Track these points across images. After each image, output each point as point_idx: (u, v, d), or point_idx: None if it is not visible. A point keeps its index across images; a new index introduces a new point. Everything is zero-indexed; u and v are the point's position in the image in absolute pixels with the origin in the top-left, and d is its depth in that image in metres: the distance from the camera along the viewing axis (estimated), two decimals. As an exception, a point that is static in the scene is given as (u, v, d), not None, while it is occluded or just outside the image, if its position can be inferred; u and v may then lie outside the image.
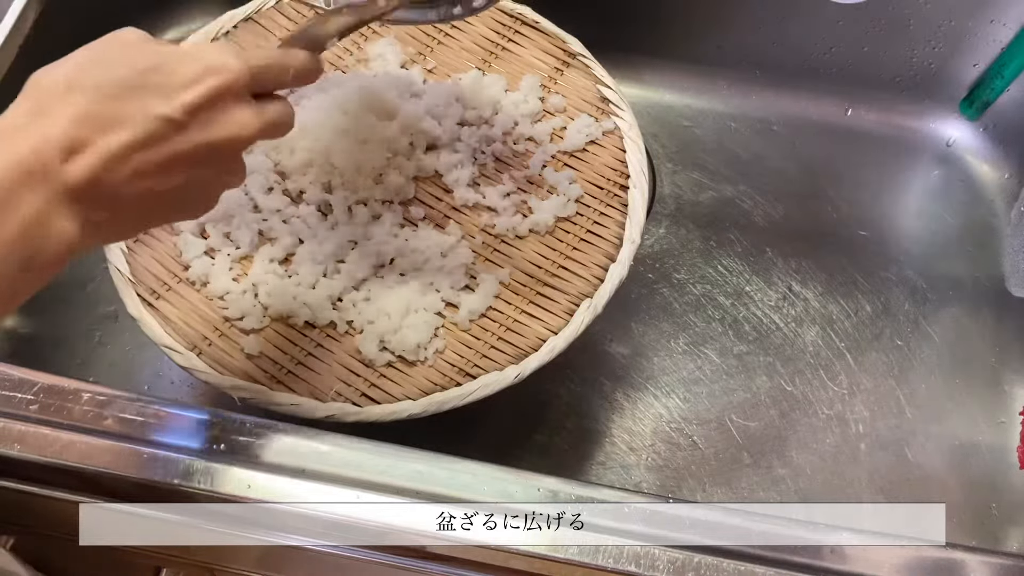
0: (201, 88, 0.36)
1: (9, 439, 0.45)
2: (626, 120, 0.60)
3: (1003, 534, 0.64)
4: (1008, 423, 0.68)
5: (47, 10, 0.65)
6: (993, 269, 0.75)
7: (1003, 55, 0.77)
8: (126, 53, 0.37)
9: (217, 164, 0.38)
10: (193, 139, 0.36)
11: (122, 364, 0.67)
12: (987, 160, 0.81)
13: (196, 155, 0.36)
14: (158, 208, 0.38)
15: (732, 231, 0.76)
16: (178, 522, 0.48)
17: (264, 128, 0.39)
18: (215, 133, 0.37)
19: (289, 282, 0.53)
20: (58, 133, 0.34)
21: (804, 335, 0.71)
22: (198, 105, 0.36)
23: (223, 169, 0.39)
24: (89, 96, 0.34)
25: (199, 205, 0.41)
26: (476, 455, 0.47)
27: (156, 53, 0.37)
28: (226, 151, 0.38)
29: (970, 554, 0.45)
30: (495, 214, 0.56)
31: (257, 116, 0.38)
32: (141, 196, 0.36)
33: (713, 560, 0.44)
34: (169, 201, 0.38)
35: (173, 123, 0.35)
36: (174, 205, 0.39)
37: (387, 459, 0.46)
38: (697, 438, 0.66)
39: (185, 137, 0.36)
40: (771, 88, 0.83)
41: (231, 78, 0.37)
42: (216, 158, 0.38)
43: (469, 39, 0.63)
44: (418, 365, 0.51)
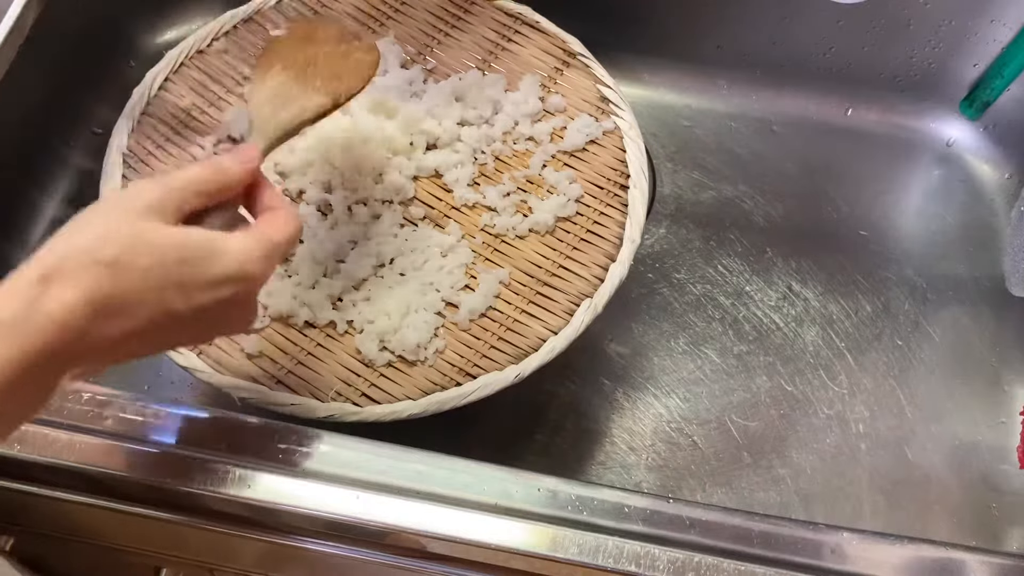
0: (219, 293, 0.37)
1: (9, 439, 0.45)
2: (626, 120, 0.60)
3: (1003, 534, 0.64)
4: (1008, 423, 0.68)
5: (47, 10, 0.65)
6: (993, 269, 0.75)
7: (1003, 55, 0.77)
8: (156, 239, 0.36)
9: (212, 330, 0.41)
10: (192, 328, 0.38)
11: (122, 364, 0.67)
12: (987, 160, 0.81)
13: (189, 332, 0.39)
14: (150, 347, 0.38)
15: (732, 231, 0.76)
16: (178, 522, 0.48)
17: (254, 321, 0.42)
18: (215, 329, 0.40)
19: (289, 282, 0.53)
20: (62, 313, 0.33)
21: (804, 335, 0.71)
22: (210, 307, 0.37)
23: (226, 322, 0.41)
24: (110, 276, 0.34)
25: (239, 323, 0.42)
26: (476, 455, 0.47)
27: (184, 246, 0.36)
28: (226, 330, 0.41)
29: (970, 554, 0.45)
30: (495, 214, 0.56)
31: (254, 315, 0.41)
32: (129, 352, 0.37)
33: (713, 560, 0.44)
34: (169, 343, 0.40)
35: (180, 318, 0.36)
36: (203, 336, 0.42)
37: (387, 459, 0.46)
38: (697, 438, 0.66)
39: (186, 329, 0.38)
40: (771, 88, 0.83)
41: (254, 288, 0.39)
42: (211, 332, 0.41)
43: (469, 39, 0.63)
44: (418, 365, 0.51)
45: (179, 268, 0.35)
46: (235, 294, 0.37)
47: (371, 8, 0.64)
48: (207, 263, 0.36)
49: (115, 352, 0.35)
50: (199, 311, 0.36)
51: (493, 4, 0.64)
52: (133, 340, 0.35)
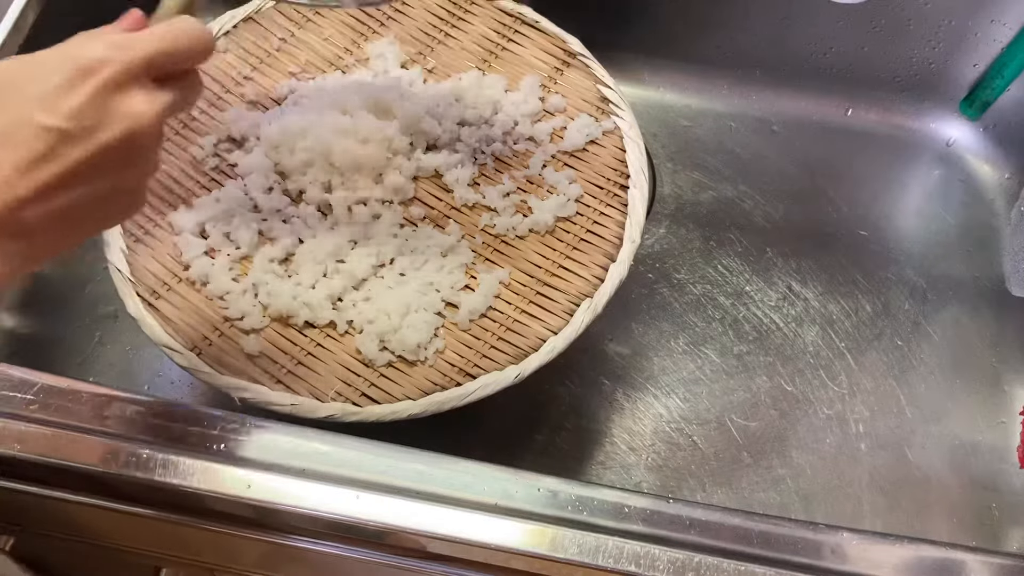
0: (80, 89, 0.34)
1: (9, 439, 0.45)
2: (626, 120, 0.60)
3: (1003, 534, 0.64)
4: (1008, 423, 0.68)
5: (47, 10, 0.65)
6: (993, 269, 0.75)
7: (1003, 55, 0.77)
8: (2, 75, 0.35)
9: (124, 161, 0.36)
10: (85, 144, 0.34)
11: (122, 364, 0.67)
12: (987, 160, 0.81)
13: (95, 160, 0.35)
14: (80, 220, 0.36)
15: (732, 231, 0.76)
16: (178, 522, 0.48)
17: (163, 111, 0.37)
18: (108, 132, 0.35)
19: (289, 282, 0.53)
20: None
21: (804, 335, 0.71)
22: (80, 108, 0.34)
23: (132, 163, 0.37)
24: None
25: (126, 206, 0.39)
26: (476, 455, 0.47)
27: (26, 66, 0.35)
28: (128, 146, 0.36)
29: (970, 554, 0.45)
30: (495, 214, 0.56)
31: (150, 102, 0.36)
32: (54, 215, 0.34)
33: (713, 560, 0.44)
34: (89, 211, 0.36)
35: (59, 132, 0.34)
36: (96, 213, 0.37)
37: (387, 459, 0.46)
38: (697, 438, 0.66)
39: (76, 144, 0.34)
40: (771, 88, 0.83)
41: (110, 72, 0.35)
42: (119, 156, 0.36)
43: (469, 39, 0.63)
44: (418, 365, 0.51)
45: (29, 83, 0.34)
46: (97, 92, 0.34)
47: (371, 8, 0.64)
48: (53, 66, 0.34)
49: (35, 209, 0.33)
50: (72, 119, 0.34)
51: (493, 4, 0.64)
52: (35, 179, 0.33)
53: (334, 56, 0.62)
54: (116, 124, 0.35)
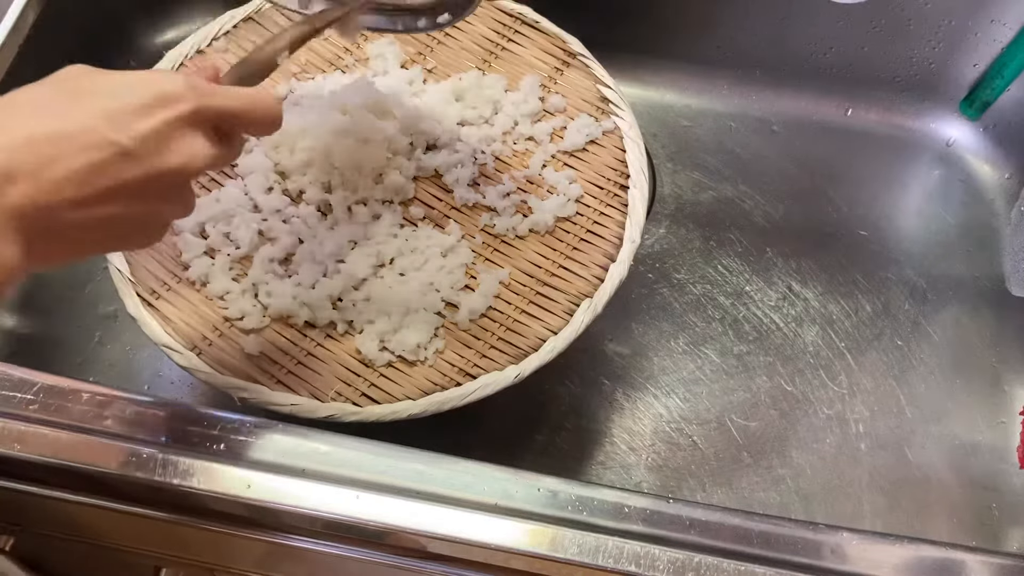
0: (154, 116, 0.35)
1: (9, 439, 0.45)
2: (626, 120, 0.60)
3: (1003, 534, 0.64)
4: (1008, 423, 0.68)
5: (47, 10, 0.65)
6: (993, 269, 0.75)
7: (1003, 55, 0.77)
8: (74, 80, 0.36)
9: (164, 193, 0.37)
10: (141, 167, 0.35)
11: (122, 364, 0.67)
12: (987, 160, 0.81)
13: (143, 183, 0.36)
14: (103, 237, 0.37)
15: (732, 231, 0.76)
16: (178, 522, 0.48)
17: (213, 161, 0.38)
18: (164, 162, 0.36)
19: (289, 282, 0.53)
20: (1, 158, 0.33)
21: (804, 335, 0.71)
22: (149, 133, 0.35)
23: (170, 199, 0.38)
24: (33, 120, 0.34)
25: (146, 235, 0.40)
26: (476, 455, 0.47)
27: (107, 81, 0.36)
28: (174, 181, 0.37)
29: (970, 554, 0.45)
30: (495, 214, 0.56)
31: (206, 148, 0.38)
32: (86, 224, 0.35)
33: (713, 560, 0.44)
34: (115, 230, 0.37)
35: (122, 149, 0.35)
36: (119, 234, 0.38)
37: (387, 459, 0.46)
38: (697, 438, 0.66)
39: (133, 165, 0.35)
40: (771, 88, 0.83)
41: (185, 109, 0.36)
42: (164, 187, 0.37)
43: (469, 39, 0.63)
44: (418, 365, 0.51)
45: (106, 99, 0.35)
46: (167, 123, 0.36)
47: (371, 8, 0.64)
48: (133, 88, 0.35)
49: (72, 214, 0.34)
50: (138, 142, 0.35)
51: (493, 4, 0.64)
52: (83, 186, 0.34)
53: (334, 56, 0.62)
54: (173, 158, 0.36)
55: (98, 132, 0.34)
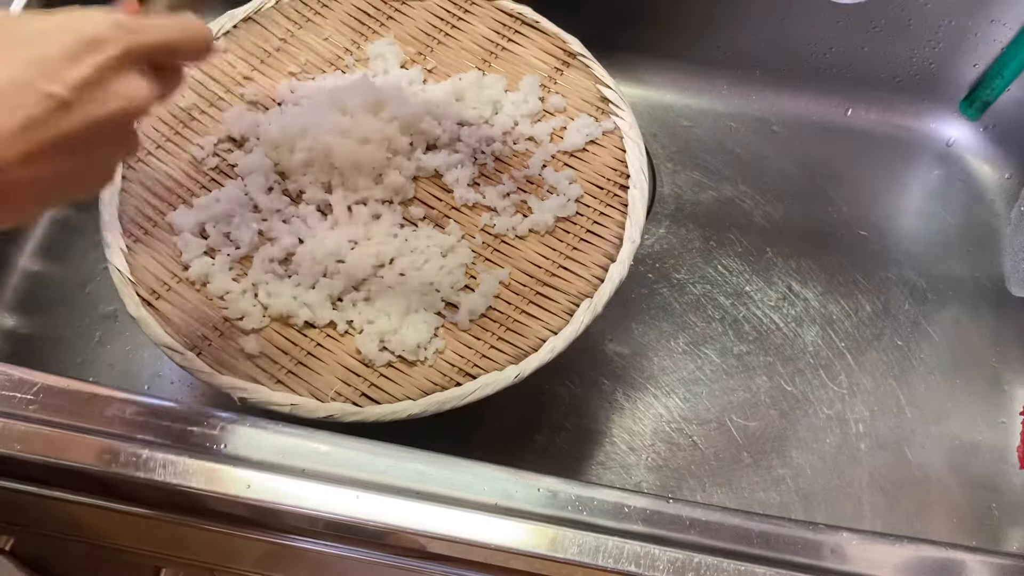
0: (86, 62, 0.34)
1: (9, 439, 0.45)
2: (626, 120, 0.60)
3: (1003, 534, 0.64)
4: (1008, 423, 0.68)
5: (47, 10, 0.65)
6: (993, 269, 0.75)
7: (1003, 55, 0.77)
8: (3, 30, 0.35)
9: (109, 138, 0.37)
10: (81, 116, 0.34)
11: (122, 364, 0.67)
12: (987, 160, 0.81)
13: (86, 131, 0.35)
14: (55, 187, 0.36)
15: (732, 231, 0.76)
16: (178, 522, 0.48)
17: (153, 99, 0.37)
18: (104, 108, 0.35)
19: (289, 282, 0.53)
20: None
21: (804, 335, 0.71)
22: (83, 80, 0.34)
23: (116, 141, 0.37)
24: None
25: (96, 181, 0.39)
26: (476, 455, 0.47)
27: (32, 27, 0.35)
28: (117, 124, 0.36)
29: (970, 554, 0.45)
30: (495, 214, 0.56)
31: (147, 88, 0.37)
32: (35, 178, 0.34)
33: (713, 560, 0.44)
34: (64, 180, 0.36)
35: (58, 101, 0.34)
36: (70, 183, 0.37)
37: (387, 459, 0.46)
38: (697, 438, 0.66)
39: (73, 114, 0.34)
40: (771, 88, 0.83)
41: (116, 50, 0.35)
42: (107, 132, 0.36)
43: (469, 39, 0.63)
44: (418, 365, 0.51)
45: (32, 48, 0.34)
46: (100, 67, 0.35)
47: (371, 8, 0.64)
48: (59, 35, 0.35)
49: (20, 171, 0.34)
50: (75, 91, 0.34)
51: (493, 4, 0.64)
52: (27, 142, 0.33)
53: (334, 56, 0.62)
54: (112, 101, 0.35)
55: (32, 85, 0.33)
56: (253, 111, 0.59)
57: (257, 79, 0.60)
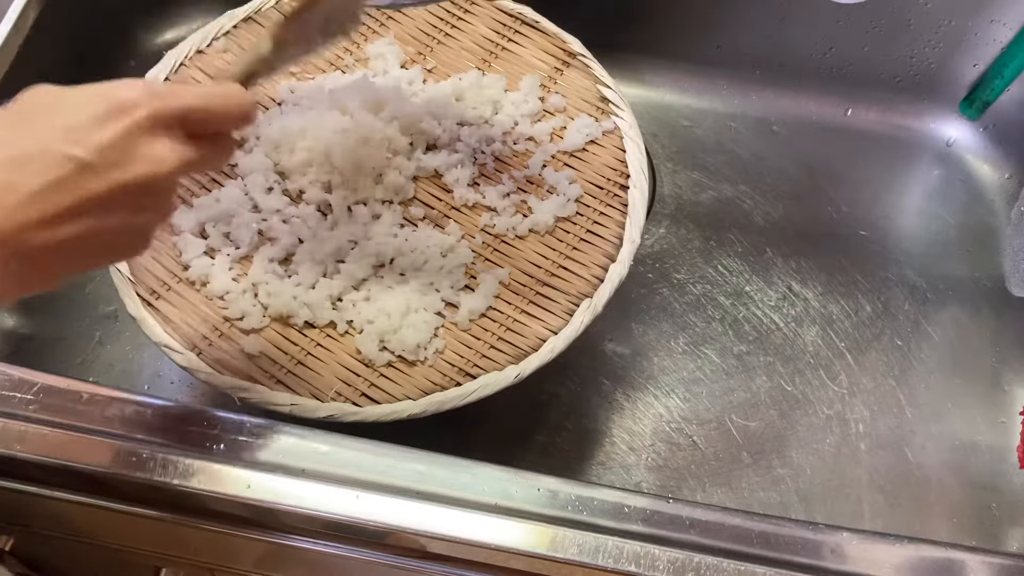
0: (111, 126, 0.35)
1: (9, 439, 0.45)
2: (626, 120, 0.60)
3: (1003, 534, 0.64)
4: (1008, 423, 0.68)
5: (47, 10, 0.65)
6: (993, 269, 0.75)
7: (1003, 55, 0.77)
8: (30, 103, 0.36)
9: (136, 203, 0.37)
10: (104, 179, 0.35)
11: (122, 364, 0.67)
12: (987, 160, 0.81)
13: (110, 195, 0.35)
14: (84, 254, 0.36)
15: (732, 231, 0.76)
16: (178, 522, 0.48)
17: (184, 165, 0.37)
18: (128, 171, 0.35)
19: (289, 282, 0.53)
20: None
21: (804, 335, 0.71)
22: (107, 144, 0.35)
23: (145, 207, 0.37)
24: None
25: (129, 247, 0.39)
26: (476, 455, 0.47)
27: (64, 98, 0.36)
28: (144, 189, 0.36)
29: (970, 554, 0.45)
30: (495, 214, 0.56)
31: (174, 152, 0.37)
32: (61, 243, 0.35)
33: (713, 560, 0.44)
34: (94, 246, 0.36)
35: (81, 164, 0.34)
36: (100, 249, 0.37)
37: (387, 459, 0.46)
38: (697, 438, 0.66)
39: (95, 177, 0.34)
40: (771, 88, 0.83)
41: (141, 114, 0.36)
42: (134, 196, 0.36)
43: (469, 39, 0.63)
44: (418, 365, 0.51)
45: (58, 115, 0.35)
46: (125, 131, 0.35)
47: (371, 8, 0.64)
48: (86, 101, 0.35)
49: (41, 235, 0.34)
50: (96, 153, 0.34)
51: (493, 4, 0.64)
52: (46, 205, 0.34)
53: (334, 56, 0.62)
54: (136, 166, 0.36)
55: (55, 149, 0.34)
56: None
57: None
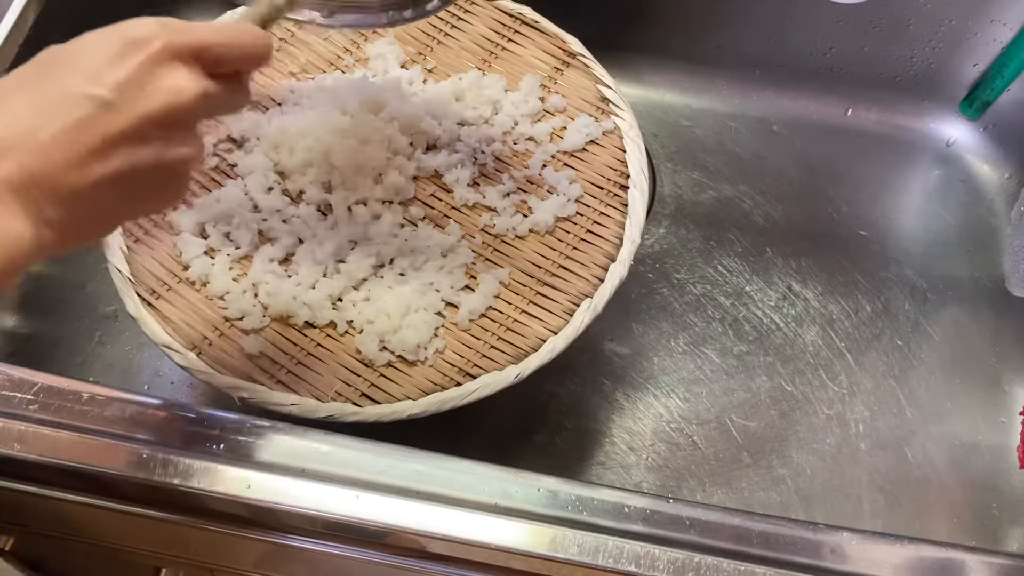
0: (127, 61, 0.35)
1: (9, 439, 0.45)
2: (626, 120, 0.60)
3: (1003, 534, 0.64)
4: (1008, 423, 0.68)
5: (47, 10, 0.65)
6: (993, 269, 0.75)
7: (1003, 55, 0.77)
8: (47, 57, 0.36)
9: (162, 138, 0.36)
10: (127, 114, 0.35)
11: (122, 364, 0.67)
12: (987, 160, 0.81)
13: (133, 131, 0.35)
14: (121, 197, 0.36)
15: (732, 231, 0.76)
16: (178, 522, 0.48)
17: (205, 94, 0.37)
18: (149, 103, 0.35)
19: (289, 282, 0.53)
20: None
21: (804, 335, 0.71)
22: (125, 79, 0.35)
23: (171, 142, 0.37)
24: (11, 102, 0.34)
25: (166, 188, 0.38)
26: (476, 455, 0.47)
27: (81, 44, 0.36)
28: (167, 121, 0.36)
29: (970, 554, 0.45)
30: (495, 214, 0.56)
31: (192, 81, 0.36)
32: (94, 186, 0.35)
33: (713, 560, 0.44)
34: (126, 187, 0.36)
35: (102, 101, 0.34)
36: (134, 191, 0.37)
37: (387, 459, 0.46)
38: (697, 438, 0.66)
39: (118, 113, 0.34)
40: (771, 88, 0.83)
41: (157, 46, 0.35)
42: (160, 130, 0.36)
43: (469, 39, 0.63)
44: (418, 365, 0.51)
45: (74, 58, 0.35)
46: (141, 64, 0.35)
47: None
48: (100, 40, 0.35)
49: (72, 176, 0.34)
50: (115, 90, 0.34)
51: (493, 4, 0.64)
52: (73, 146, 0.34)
53: (334, 56, 0.62)
54: (157, 96, 0.35)
55: (75, 91, 0.34)
56: (253, 111, 0.59)
57: (257, 79, 0.60)
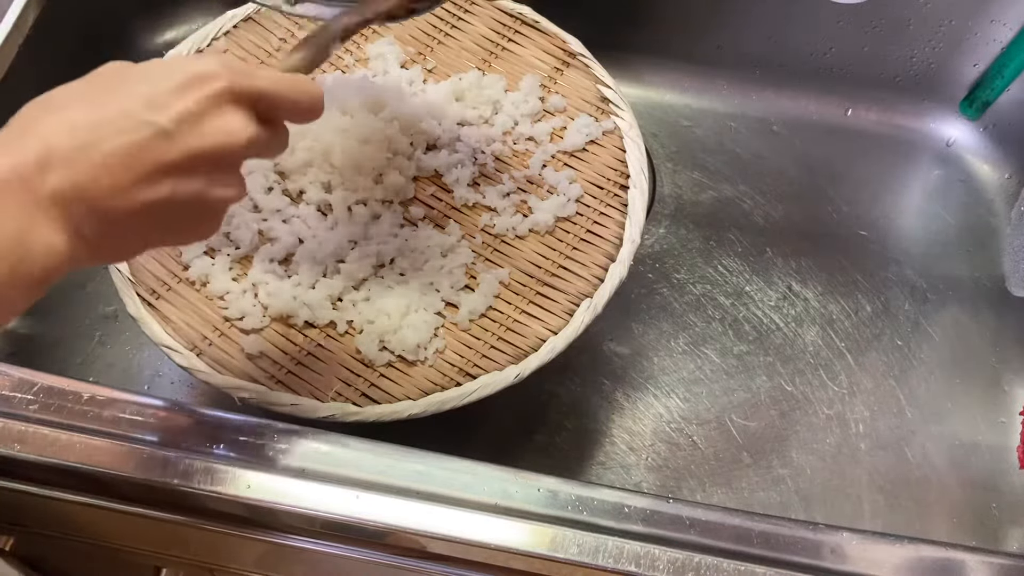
0: (189, 95, 0.35)
1: (9, 439, 0.45)
2: (626, 120, 0.60)
3: (1003, 534, 0.64)
4: (1008, 423, 0.68)
5: (47, 10, 0.65)
6: (993, 269, 0.75)
7: (1003, 55, 0.77)
8: (111, 73, 0.37)
9: (208, 175, 0.37)
10: (180, 146, 0.35)
11: (122, 364, 0.67)
12: (987, 160, 0.81)
13: (184, 164, 0.35)
14: (155, 226, 0.37)
15: (732, 231, 0.76)
16: (178, 522, 0.48)
17: (254, 143, 0.38)
18: (203, 140, 0.36)
19: (289, 282, 0.53)
20: (36, 145, 0.33)
21: (804, 335, 0.71)
22: (185, 112, 0.35)
23: (216, 181, 0.38)
24: (71, 111, 0.34)
25: (200, 223, 0.39)
26: (476, 455, 0.47)
27: (143, 69, 0.37)
28: (216, 160, 0.37)
29: (970, 554, 0.45)
30: (495, 214, 0.56)
31: (246, 127, 0.37)
32: (133, 210, 0.35)
33: (713, 560, 0.44)
34: (165, 217, 0.37)
35: (160, 130, 0.35)
36: (171, 222, 0.37)
37: (387, 459, 0.46)
38: (697, 438, 0.66)
39: (172, 144, 0.35)
40: (771, 88, 0.83)
41: (220, 86, 0.36)
42: (207, 168, 0.37)
43: (469, 39, 0.63)
44: (418, 365, 0.51)
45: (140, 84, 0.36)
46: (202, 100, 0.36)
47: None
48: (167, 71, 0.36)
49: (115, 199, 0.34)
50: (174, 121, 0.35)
51: (493, 4, 0.64)
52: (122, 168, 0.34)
53: (334, 56, 0.62)
54: (212, 135, 0.36)
55: (135, 115, 0.35)
56: (253, 111, 0.59)
57: (257, 79, 0.60)
